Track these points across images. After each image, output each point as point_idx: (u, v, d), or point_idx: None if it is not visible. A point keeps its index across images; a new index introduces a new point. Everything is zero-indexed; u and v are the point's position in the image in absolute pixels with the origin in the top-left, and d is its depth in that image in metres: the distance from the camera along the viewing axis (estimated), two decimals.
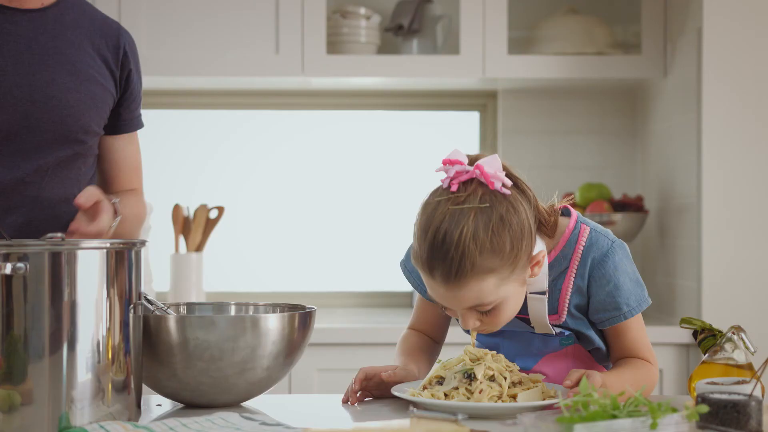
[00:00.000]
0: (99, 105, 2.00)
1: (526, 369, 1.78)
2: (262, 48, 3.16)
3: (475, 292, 1.60)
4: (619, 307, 1.72)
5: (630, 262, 1.74)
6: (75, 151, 1.98)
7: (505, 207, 1.61)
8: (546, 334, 1.76)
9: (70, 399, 1.45)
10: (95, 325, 1.47)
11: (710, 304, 2.93)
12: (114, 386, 1.49)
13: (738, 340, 1.71)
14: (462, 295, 1.60)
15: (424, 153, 3.63)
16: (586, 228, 1.74)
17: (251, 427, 1.47)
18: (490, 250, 1.58)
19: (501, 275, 1.60)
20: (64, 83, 1.95)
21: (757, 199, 2.94)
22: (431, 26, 3.32)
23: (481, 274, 1.58)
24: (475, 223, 1.58)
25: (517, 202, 1.62)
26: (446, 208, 1.61)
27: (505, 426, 1.52)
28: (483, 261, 1.58)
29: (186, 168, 3.62)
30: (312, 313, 1.73)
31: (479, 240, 1.57)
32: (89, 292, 1.47)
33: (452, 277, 1.58)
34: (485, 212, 1.59)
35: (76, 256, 1.45)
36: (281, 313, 1.67)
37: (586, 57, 3.21)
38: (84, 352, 1.46)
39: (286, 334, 1.66)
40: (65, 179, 1.99)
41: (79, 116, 1.96)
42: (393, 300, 3.60)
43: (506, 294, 1.63)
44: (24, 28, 1.93)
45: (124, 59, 2.05)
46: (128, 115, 2.09)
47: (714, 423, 1.44)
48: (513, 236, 1.60)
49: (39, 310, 1.43)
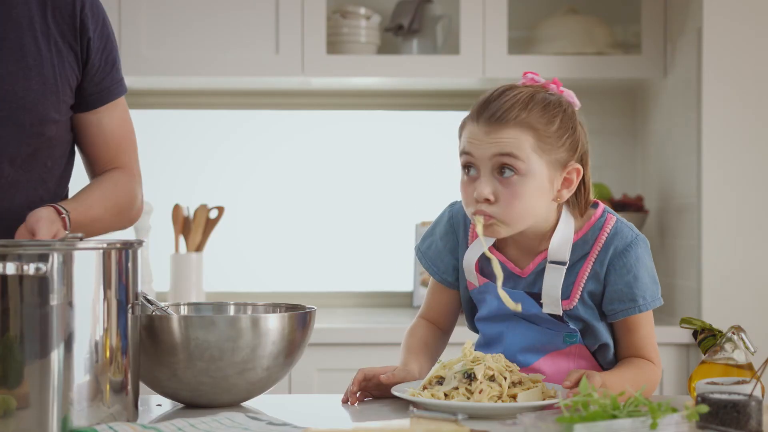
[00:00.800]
0: (54, 89, 1.81)
1: (527, 365, 1.77)
2: (262, 48, 3.16)
3: (512, 139, 1.64)
4: (635, 299, 1.72)
5: (650, 258, 1.76)
6: (33, 147, 1.82)
7: (569, 106, 1.72)
8: (551, 329, 1.76)
9: (69, 401, 1.43)
10: (92, 325, 1.46)
11: (710, 304, 2.93)
12: (112, 387, 1.48)
13: (738, 340, 1.71)
14: (499, 138, 1.65)
15: (424, 153, 3.63)
16: (612, 217, 1.76)
17: (258, 426, 1.48)
18: (540, 113, 1.66)
19: (539, 142, 1.66)
20: (11, 72, 1.77)
21: (757, 199, 2.94)
22: (431, 26, 3.32)
23: (524, 126, 1.65)
24: (533, 93, 1.69)
25: (578, 117, 1.72)
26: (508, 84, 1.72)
27: (505, 426, 1.52)
28: (529, 116, 1.65)
29: (186, 168, 3.62)
30: (312, 313, 1.73)
31: (534, 101, 1.67)
32: (86, 293, 1.45)
33: (496, 117, 1.66)
34: (546, 94, 1.70)
35: (72, 257, 1.44)
36: (281, 313, 1.67)
37: (586, 57, 3.21)
38: (81, 353, 1.45)
39: (286, 334, 1.66)
40: (28, 182, 1.84)
41: (32, 107, 1.78)
42: (393, 300, 3.60)
43: (533, 169, 1.66)
44: None
45: (81, 28, 1.84)
46: (94, 88, 1.88)
47: (714, 423, 1.44)
48: (565, 119, 1.69)
49: (34, 312, 1.41)
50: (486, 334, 1.83)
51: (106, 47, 1.89)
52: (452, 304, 1.90)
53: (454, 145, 1.78)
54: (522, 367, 1.76)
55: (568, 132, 1.69)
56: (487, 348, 1.83)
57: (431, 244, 1.86)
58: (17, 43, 1.79)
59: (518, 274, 1.76)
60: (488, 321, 1.81)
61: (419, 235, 3.48)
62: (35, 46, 1.81)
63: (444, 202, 1.90)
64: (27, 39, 1.80)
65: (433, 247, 1.86)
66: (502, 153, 1.65)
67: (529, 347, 1.78)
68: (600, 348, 1.78)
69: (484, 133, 1.67)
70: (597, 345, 1.78)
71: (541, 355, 1.78)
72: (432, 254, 1.86)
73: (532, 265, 1.75)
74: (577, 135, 1.70)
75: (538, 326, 1.77)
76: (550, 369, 1.76)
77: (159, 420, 1.57)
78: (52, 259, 1.42)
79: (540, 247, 1.75)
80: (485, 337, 1.83)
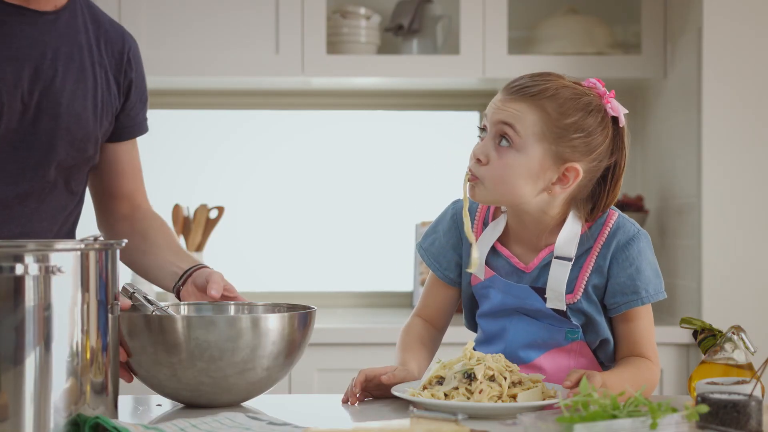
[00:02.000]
0: (102, 113, 1.97)
1: (529, 361, 1.78)
2: (262, 48, 3.16)
3: (519, 113, 1.69)
4: (638, 291, 1.74)
5: (652, 253, 1.78)
6: (75, 160, 1.95)
7: (602, 116, 1.73)
8: (553, 324, 1.76)
9: (53, 406, 1.40)
10: (70, 327, 1.42)
11: (710, 304, 2.93)
12: (93, 388, 1.45)
13: (738, 340, 1.71)
14: (509, 107, 1.69)
15: (424, 153, 3.63)
16: (614, 213, 1.79)
17: (258, 426, 1.48)
18: (559, 104, 1.70)
19: (545, 127, 1.69)
20: (73, 90, 1.92)
21: (757, 198, 2.94)
22: (431, 26, 3.32)
23: (536, 107, 1.69)
24: (571, 88, 1.71)
25: (607, 128, 1.73)
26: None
27: (505, 426, 1.52)
28: (547, 102, 1.69)
29: (186, 168, 3.62)
30: (312, 313, 1.73)
31: (561, 93, 1.70)
32: (64, 295, 1.41)
33: (518, 90, 1.70)
34: (586, 96, 1.72)
35: (49, 258, 1.40)
36: (281, 314, 1.67)
37: (586, 57, 3.21)
38: (62, 355, 1.41)
39: (286, 334, 1.66)
40: (62, 192, 1.96)
41: (85, 124, 1.94)
42: (393, 300, 3.60)
43: (528, 149, 1.69)
44: (40, 31, 1.89)
45: (127, 66, 2.02)
46: (129, 122, 2.06)
47: (714, 423, 1.44)
48: (583, 122, 1.70)
49: (10, 315, 1.37)
50: (487, 331, 1.83)
51: (141, 87, 2.08)
52: (449, 303, 1.90)
53: (454, 145, 1.80)
54: (523, 363, 1.76)
55: (584, 133, 1.70)
56: (487, 344, 1.83)
57: (434, 240, 1.87)
58: (81, 64, 1.94)
59: (522, 269, 1.78)
60: (490, 317, 1.82)
61: (419, 235, 3.49)
62: (92, 71, 1.96)
63: (444, 202, 1.91)
64: (87, 63, 1.95)
65: (436, 243, 1.87)
66: (504, 122, 1.70)
67: (530, 343, 1.79)
68: (601, 344, 1.79)
69: (501, 100, 1.72)
70: (598, 341, 1.79)
71: (542, 351, 1.78)
72: (434, 251, 1.87)
73: (536, 261, 1.77)
74: (596, 142, 1.71)
75: (540, 322, 1.77)
76: (551, 366, 1.77)
77: (159, 420, 1.57)
78: (29, 260, 1.38)
79: (543, 243, 1.77)
80: (486, 333, 1.84)
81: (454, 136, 3.62)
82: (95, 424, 1.40)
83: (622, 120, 1.74)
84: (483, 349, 1.83)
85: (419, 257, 3.47)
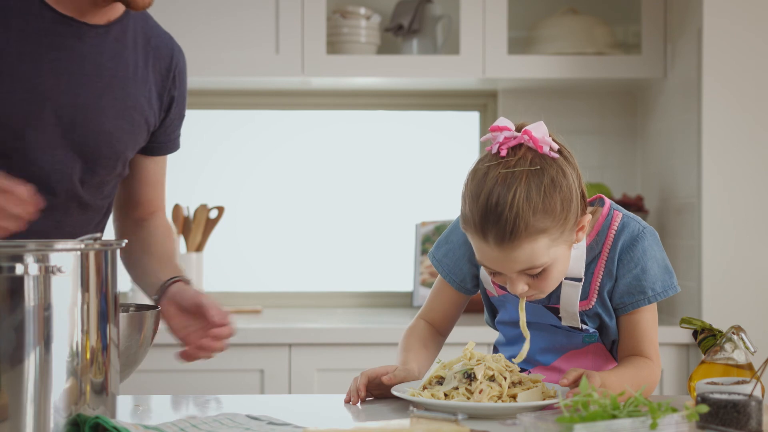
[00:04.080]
0: (138, 132, 1.95)
1: (547, 364, 1.80)
2: (262, 48, 3.16)
3: (528, 254, 1.62)
4: (644, 290, 1.74)
5: (660, 248, 1.78)
6: (101, 178, 1.94)
7: (555, 169, 1.65)
8: (571, 329, 1.77)
9: (53, 407, 1.39)
10: (70, 327, 1.41)
11: (710, 304, 2.93)
12: (93, 388, 1.45)
13: (738, 340, 1.71)
14: (515, 256, 1.63)
15: (424, 153, 3.63)
16: (618, 214, 1.78)
17: (258, 426, 1.48)
18: (542, 210, 1.61)
19: (552, 236, 1.63)
20: (108, 107, 1.89)
21: (757, 199, 2.94)
22: (431, 26, 3.32)
23: (534, 234, 1.61)
24: (527, 185, 1.62)
25: (564, 166, 1.67)
26: (497, 172, 1.63)
27: (505, 426, 1.52)
28: (536, 222, 1.61)
29: (186, 168, 3.62)
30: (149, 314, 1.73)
31: (532, 201, 1.61)
32: (64, 295, 1.41)
33: (506, 239, 1.61)
34: (536, 174, 1.63)
35: (49, 258, 1.40)
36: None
37: (586, 57, 3.21)
38: (62, 356, 1.40)
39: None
40: (87, 205, 1.95)
41: (116, 143, 1.91)
42: (393, 300, 3.60)
43: (555, 256, 1.65)
44: (87, 45, 1.85)
45: (171, 84, 2.00)
46: (165, 138, 2.05)
47: (714, 423, 1.44)
48: (563, 198, 1.64)
49: (10, 315, 1.37)
50: (508, 336, 1.86)
51: (182, 104, 2.06)
52: (456, 308, 1.91)
53: (454, 145, 1.79)
54: (542, 366, 1.77)
55: (567, 203, 1.65)
56: (510, 347, 1.85)
57: (447, 252, 1.86)
58: (123, 82, 1.91)
59: None
60: (509, 325, 1.84)
61: (419, 235, 3.49)
62: (135, 90, 1.93)
63: (444, 203, 1.91)
64: (130, 82, 1.92)
65: (450, 255, 1.86)
66: (524, 268, 1.65)
67: (548, 348, 1.81)
68: (614, 344, 1.81)
69: (498, 252, 1.64)
70: (611, 341, 1.80)
71: (560, 354, 1.80)
72: (449, 263, 1.86)
73: None
74: (573, 192, 1.66)
75: (559, 328, 1.79)
76: (569, 368, 1.78)
77: (166, 420, 1.58)
78: (29, 260, 1.38)
79: None
80: (507, 337, 1.86)
81: (454, 136, 3.62)
82: (95, 424, 1.40)
83: (554, 147, 1.67)
84: (505, 351, 1.85)
85: (419, 257, 3.48)
